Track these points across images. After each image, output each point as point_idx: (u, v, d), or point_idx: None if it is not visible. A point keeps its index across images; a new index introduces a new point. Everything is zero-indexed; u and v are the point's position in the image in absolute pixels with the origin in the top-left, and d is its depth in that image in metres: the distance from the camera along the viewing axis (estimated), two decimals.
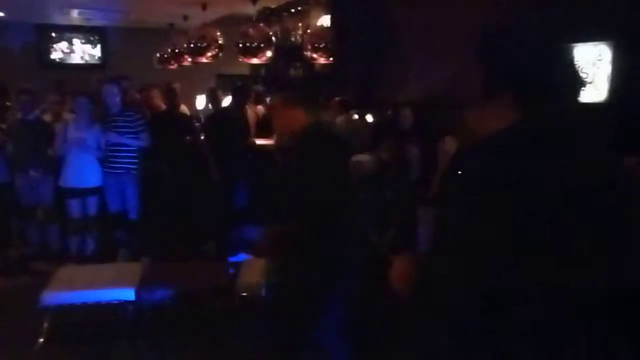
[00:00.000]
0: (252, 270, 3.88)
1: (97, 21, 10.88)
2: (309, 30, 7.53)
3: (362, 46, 6.48)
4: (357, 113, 5.59)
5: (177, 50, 9.05)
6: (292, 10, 8.66)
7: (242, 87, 6.13)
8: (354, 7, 6.67)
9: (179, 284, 3.80)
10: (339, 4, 7.02)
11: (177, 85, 6.12)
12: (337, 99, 5.67)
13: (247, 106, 6.29)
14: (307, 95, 2.70)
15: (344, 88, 6.40)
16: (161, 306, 3.74)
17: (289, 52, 8.32)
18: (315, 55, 6.83)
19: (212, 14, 8.76)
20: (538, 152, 1.16)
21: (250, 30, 7.19)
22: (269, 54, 7.15)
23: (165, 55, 9.65)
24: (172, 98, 5.91)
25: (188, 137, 5.73)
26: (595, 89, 3.82)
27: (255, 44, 7.01)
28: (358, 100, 5.72)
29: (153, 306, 3.74)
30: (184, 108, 7.05)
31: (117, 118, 4.88)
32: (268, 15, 8.78)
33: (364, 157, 4.51)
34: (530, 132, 1.20)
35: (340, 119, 5.37)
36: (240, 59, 7.36)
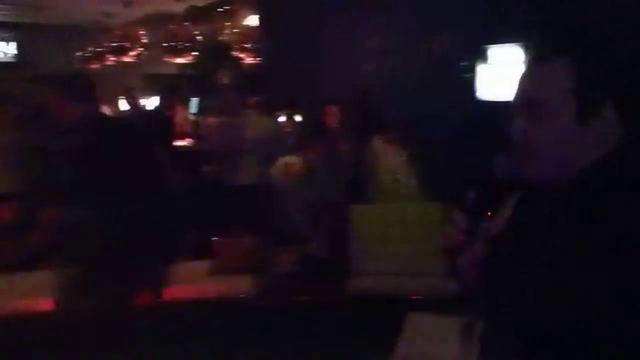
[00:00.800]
0: None
1: (12, 16, 10.30)
2: (236, 30, 7.46)
3: (290, 46, 6.48)
4: (285, 113, 5.60)
5: (99, 49, 8.72)
6: (220, 10, 8.55)
7: (169, 88, 5.99)
8: (281, 7, 6.67)
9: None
10: (267, 3, 7.00)
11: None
12: (257, 98, 5.65)
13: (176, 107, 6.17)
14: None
15: (272, 88, 6.39)
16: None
17: (216, 52, 8.21)
18: (243, 55, 6.79)
19: (135, 12, 8.50)
20: None
21: (176, 30, 7.05)
22: (194, 53, 7.03)
23: (87, 54, 9.28)
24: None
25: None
26: (510, 88, 4.01)
27: (181, 43, 6.87)
28: (286, 100, 5.73)
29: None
30: (105, 109, 6.80)
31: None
32: (195, 14, 8.62)
33: (291, 159, 4.52)
34: None
35: (260, 120, 5.35)
36: (164, 59, 7.20)
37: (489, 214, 1.16)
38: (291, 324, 3.65)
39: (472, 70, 4.22)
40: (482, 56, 4.15)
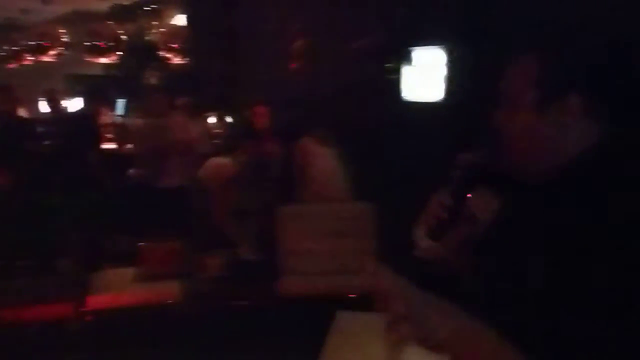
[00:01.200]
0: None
1: None
2: (163, 29, 7.29)
3: (218, 46, 6.40)
4: (214, 114, 5.52)
5: (15, 48, 8.29)
6: (146, 8, 8.33)
7: (93, 89, 5.75)
8: (209, 7, 6.58)
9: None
10: (194, 2, 6.88)
11: (11, 86, 5.59)
12: (185, 99, 5.55)
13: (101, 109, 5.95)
14: None
15: (200, 88, 6.28)
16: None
17: (142, 52, 7.99)
18: (169, 55, 6.64)
19: (55, 9, 8.13)
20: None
21: (99, 28, 6.80)
22: (118, 53, 6.81)
23: (3, 54, 8.79)
24: (6, 99, 5.37)
25: (29, 143, 5.27)
26: (433, 90, 4.12)
27: (104, 42, 6.64)
28: (215, 101, 5.65)
29: None
30: (23, 111, 6.47)
31: None
32: (119, 13, 8.36)
33: (220, 161, 4.46)
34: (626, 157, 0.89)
35: (188, 121, 5.25)
36: (86, 59, 6.93)
37: (469, 196, 1.20)
38: (222, 328, 3.60)
39: (397, 71, 4.31)
40: (407, 58, 4.25)
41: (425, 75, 4.12)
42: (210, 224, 4.18)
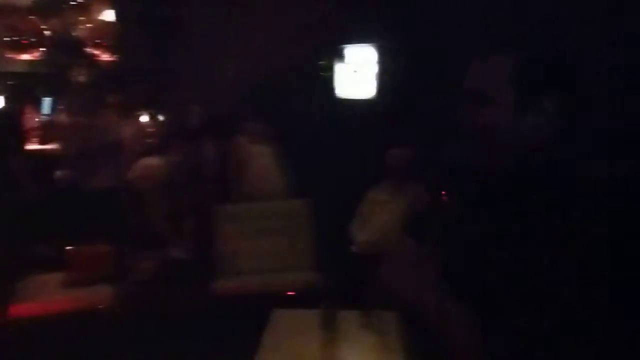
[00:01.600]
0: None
1: None
2: (90, 25, 6.99)
3: (150, 43, 6.23)
4: (146, 113, 5.37)
5: None
6: (72, 2, 7.96)
7: (16, 87, 5.44)
8: (139, 2, 6.38)
9: None
10: None
11: None
12: (113, 98, 5.38)
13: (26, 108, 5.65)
14: None
15: (131, 87, 6.09)
16: None
17: (68, 48, 7.65)
18: (97, 52, 6.37)
19: None
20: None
21: (19, 23, 6.43)
22: (42, 49, 6.47)
23: None
24: None
25: None
26: (365, 87, 4.19)
27: (26, 38, 6.29)
28: (147, 99, 5.50)
29: None
30: None
31: None
32: (43, 7, 7.96)
33: (152, 161, 4.36)
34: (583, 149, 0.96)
35: (119, 120, 5.10)
36: (7, 55, 6.55)
37: (443, 193, 1.22)
38: (156, 331, 3.52)
39: (330, 69, 4.35)
40: (340, 56, 4.29)
41: (358, 73, 4.17)
42: (143, 225, 4.08)
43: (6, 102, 6.12)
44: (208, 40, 5.20)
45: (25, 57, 6.56)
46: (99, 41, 6.44)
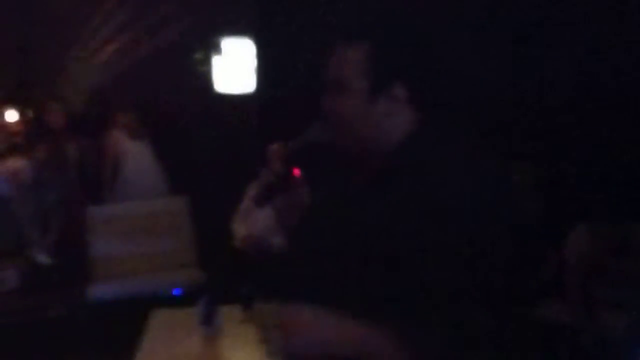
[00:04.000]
0: None
1: None
2: None
3: (11, 37, 5.76)
4: (11, 110, 4.95)
5: None
6: None
7: None
8: None
9: None
10: None
11: None
12: None
13: None
14: None
15: None
16: None
17: None
18: None
19: None
20: (472, 165, 0.94)
21: None
22: None
23: None
24: None
25: None
26: (243, 80, 4.16)
27: None
28: (10, 96, 5.09)
29: None
30: None
31: None
32: None
33: (17, 162, 4.05)
34: (442, 142, 0.97)
35: None
36: None
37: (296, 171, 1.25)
38: (29, 341, 3.29)
39: (207, 62, 4.27)
40: (216, 48, 4.22)
41: (235, 66, 4.13)
42: (6, 229, 3.78)
43: None
44: (71, 33, 4.91)
45: None
46: None
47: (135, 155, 4.23)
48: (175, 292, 3.73)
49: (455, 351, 0.85)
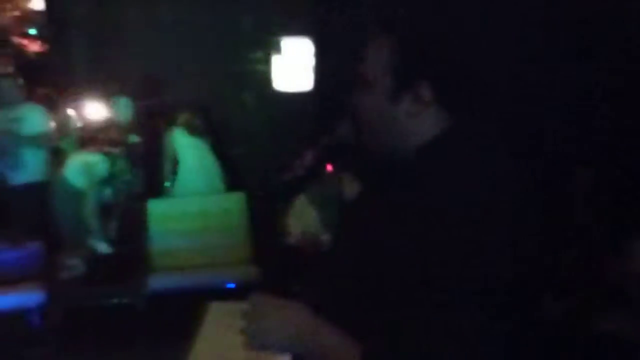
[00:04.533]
0: None
1: None
2: (17, 13, 6.69)
3: (81, 33, 6.03)
4: (77, 106, 5.20)
5: None
6: None
7: None
8: None
9: None
10: None
11: None
12: (42, 90, 5.20)
13: None
14: None
15: (58, 78, 5.87)
16: None
17: None
18: (24, 42, 6.12)
19: None
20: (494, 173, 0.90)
21: None
22: None
23: None
24: None
25: None
26: (302, 79, 4.20)
27: None
28: (77, 91, 5.33)
29: None
30: None
31: None
32: None
33: (86, 155, 4.25)
34: (474, 144, 0.93)
35: (45, 113, 4.93)
36: None
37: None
38: (88, 328, 3.46)
39: (266, 60, 4.35)
40: (276, 47, 4.29)
41: (293, 65, 4.18)
42: (71, 220, 3.96)
43: None
44: (139, 33, 5.10)
45: None
46: (25, 31, 6.20)
47: (193, 152, 4.35)
48: (229, 286, 3.82)
49: None
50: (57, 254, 3.64)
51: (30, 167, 4.43)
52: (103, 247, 3.69)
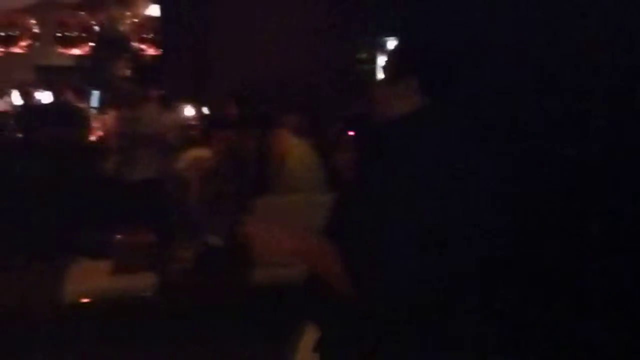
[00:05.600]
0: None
1: None
2: (136, 20, 7.18)
3: (192, 38, 6.34)
4: (189, 105, 5.48)
5: None
6: None
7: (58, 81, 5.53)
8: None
9: None
10: None
11: None
12: (156, 91, 5.51)
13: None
14: None
15: (173, 80, 6.21)
16: None
17: (114, 43, 7.87)
18: (143, 47, 6.55)
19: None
20: (443, 139, 1.18)
21: (69, 19, 6.67)
22: (91, 44, 6.70)
23: None
24: None
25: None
26: None
27: (76, 33, 6.51)
28: (188, 92, 5.62)
29: None
30: None
31: None
32: (91, 3, 8.20)
33: (200, 152, 4.45)
34: (435, 118, 1.23)
35: (161, 113, 5.22)
36: (58, 50, 6.80)
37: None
38: (197, 319, 3.60)
39: (371, 61, 4.34)
40: (381, 48, 4.28)
41: None
42: (184, 215, 4.17)
43: (57, 95, 6.30)
44: (246, 35, 5.26)
45: (75, 51, 6.80)
46: (143, 36, 6.63)
47: (298, 152, 4.42)
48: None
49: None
50: (169, 246, 3.83)
51: (145, 164, 4.72)
52: (213, 239, 3.83)
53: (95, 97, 7.86)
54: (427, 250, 1.09)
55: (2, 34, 7.32)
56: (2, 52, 7.78)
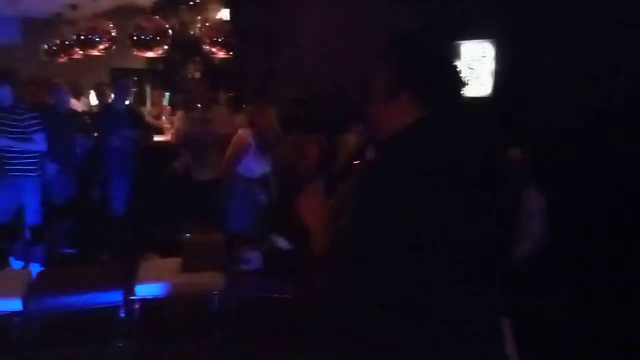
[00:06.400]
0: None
1: None
2: (207, 24, 7.35)
3: (261, 41, 6.44)
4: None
5: (66, 42, 8.49)
6: (190, 3, 8.42)
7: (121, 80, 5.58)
8: (252, 2, 6.61)
9: (72, 290, 3.56)
10: None
11: (61, 80, 5.69)
12: (226, 93, 5.60)
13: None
14: None
15: (243, 83, 6.32)
16: (50, 316, 3.49)
17: (186, 46, 8.09)
18: (214, 50, 6.70)
19: (103, 4, 8.32)
20: (439, 144, 1.27)
21: (145, 23, 6.91)
22: (165, 47, 6.91)
23: (54, 48, 9.03)
24: (56, 93, 5.43)
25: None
26: (481, 84, 4.04)
27: (151, 37, 6.74)
28: (257, 95, 5.68)
29: (42, 316, 3.48)
30: (75, 104, 6.64)
31: (6, 116, 4.37)
32: (164, 8, 8.48)
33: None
34: (430, 127, 1.31)
35: (230, 115, 5.30)
36: (134, 53, 7.05)
37: None
38: (262, 319, 3.62)
39: None
40: (456, 52, 4.16)
41: (474, 70, 4.04)
42: (251, 216, 4.20)
43: (134, 97, 6.50)
44: (315, 41, 5.27)
45: (150, 54, 7.04)
46: (214, 39, 6.78)
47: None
48: None
49: None
50: (238, 247, 3.86)
51: (213, 165, 4.79)
52: (283, 244, 3.84)
53: (166, 99, 8.12)
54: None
55: (83, 37, 7.68)
56: (82, 55, 8.18)
